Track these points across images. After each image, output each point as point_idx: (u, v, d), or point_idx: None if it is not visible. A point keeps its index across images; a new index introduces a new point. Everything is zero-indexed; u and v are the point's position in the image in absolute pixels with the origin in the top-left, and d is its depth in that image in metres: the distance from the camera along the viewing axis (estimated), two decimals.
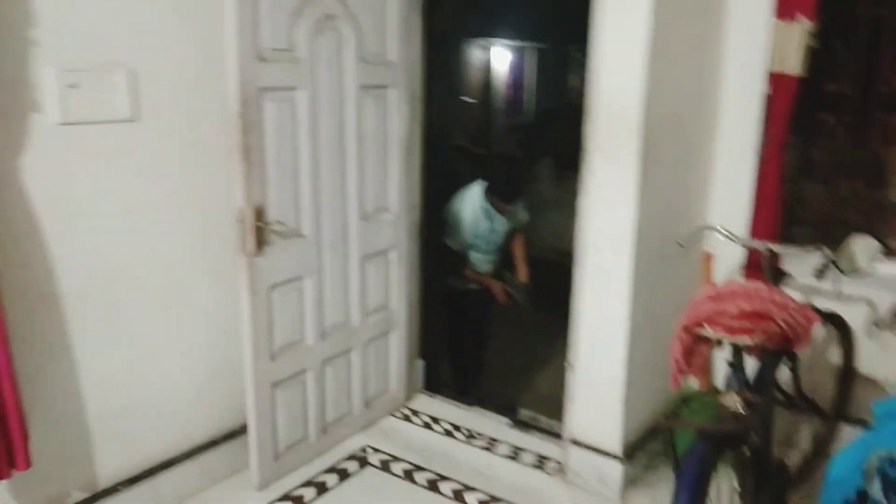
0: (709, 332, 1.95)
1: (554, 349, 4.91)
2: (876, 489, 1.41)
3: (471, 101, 8.52)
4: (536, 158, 7.51)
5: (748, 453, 1.93)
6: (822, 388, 3.00)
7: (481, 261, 3.87)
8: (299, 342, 2.89)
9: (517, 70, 9.12)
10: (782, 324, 1.93)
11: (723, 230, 2.67)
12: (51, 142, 2.20)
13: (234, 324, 2.76)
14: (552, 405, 3.72)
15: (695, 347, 2.05)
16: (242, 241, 2.59)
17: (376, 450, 3.15)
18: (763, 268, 2.54)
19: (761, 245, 2.55)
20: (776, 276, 2.52)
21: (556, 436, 3.25)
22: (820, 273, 2.38)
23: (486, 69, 8.81)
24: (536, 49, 8.94)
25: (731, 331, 1.92)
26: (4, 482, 2.16)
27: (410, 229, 3.38)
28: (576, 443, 2.93)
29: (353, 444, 3.19)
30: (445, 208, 3.75)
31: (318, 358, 2.98)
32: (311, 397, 2.98)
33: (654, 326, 2.88)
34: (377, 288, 3.22)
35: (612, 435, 2.83)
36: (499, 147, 8.84)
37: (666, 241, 2.86)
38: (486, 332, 4.14)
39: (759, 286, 2.01)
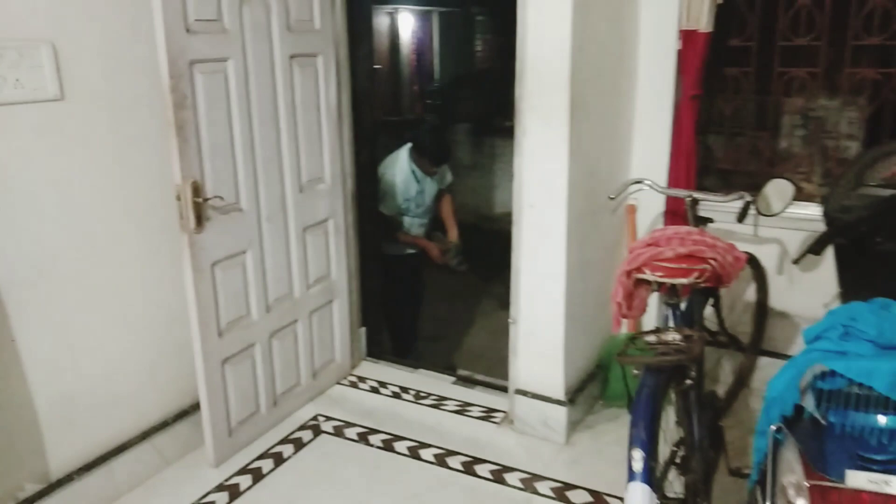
0: (649, 275, 2.11)
1: (483, 309, 5.09)
2: (810, 402, 1.59)
3: (378, 67, 8.49)
4: (450, 125, 7.59)
5: (688, 385, 2.10)
6: (741, 324, 3.26)
7: (413, 224, 3.95)
8: (245, 317, 2.88)
9: (423, 35, 9.11)
10: (714, 263, 2.11)
11: (649, 182, 2.84)
12: None
13: (178, 302, 2.72)
14: (487, 362, 3.89)
15: (635, 291, 2.20)
16: (182, 219, 2.55)
17: (328, 417, 3.20)
18: (686, 215, 2.72)
19: (685, 194, 2.73)
20: (698, 222, 2.71)
21: (498, 388, 3.41)
22: (741, 216, 2.59)
23: (394, 35, 8.77)
24: (441, 13, 8.95)
25: (669, 273, 2.08)
26: None
27: (345, 198, 3.40)
28: (521, 392, 3.07)
29: (305, 413, 3.23)
30: (378, 175, 3.78)
31: (265, 331, 2.99)
32: (261, 371, 2.99)
33: (586, 277, 3.05)
34: (317, 258, 3.24)
35: (554, 382, 2.99)
36: (409, 115, 8.85)
37: (595, 195, 3.01)
38: (421, 295, 4.23)
39: (691, 230, 2.17)
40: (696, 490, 2.10)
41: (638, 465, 1.72)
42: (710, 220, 2.73)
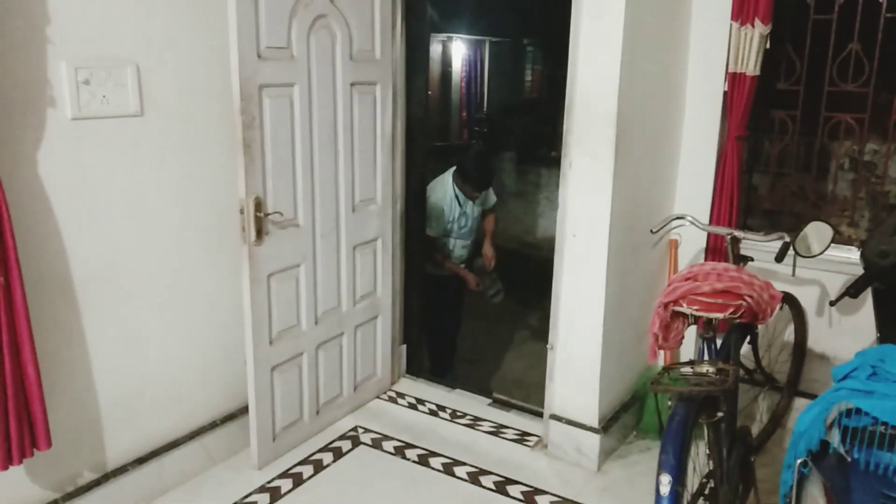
0: (685, 308, 2.18)
1: (520, 335, 5.17)
2: (835, 438, 1.65)
3: (429, 93, 8.67)
4: (495, 152, 7.72)
5: (719, 417, 2.16)
6: (779, 363, 3.29)
7: (457, 246, 4.09)
8: (295, 327, 3.03)
9: (474, 63, 9.26)
10: (749, 300, 2.17)
11: (690, 218, 2.91)
12: (65, 136, 2.30)
13: (232, 310, 2.89)
14: (522, 388, 3.97)
15: (671, 323, 2.28)
16: (244, 231, 2.72)
17: (367, 429, 3.32)
18: (726, 252, 2.79)
19: (726, 231, 2.80)
20: (738, 259, 2.77)
21: (533, 413, 3.48)
22: (780, 256, 2.64)
23: (446, 63, 8.95)
24: (492, 42, 9.09)
25: (705, 307, 2.16)
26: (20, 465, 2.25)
27: (394, 219, 3.54)
28: (555, 417, 3.14)
29: (345, 424, 3.35)
30: (426, 198, 3.93)
31: (313, 342, 3.13)
32: (306, 380, 3.13)
33: (625, 307, 3.12)
34: (365, 275, 3.38)
35: (589, 409, 3.05)
36: (457, 140, 9.02)
37: (637, 229, 3.09)
38: (460, 316, 4.35)
39: (729, 267, 2.25)
40: None
41: (665, 490, 1.79)
42: (749, 259, 2.79)
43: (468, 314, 4.45)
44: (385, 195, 3.41)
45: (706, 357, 2.26)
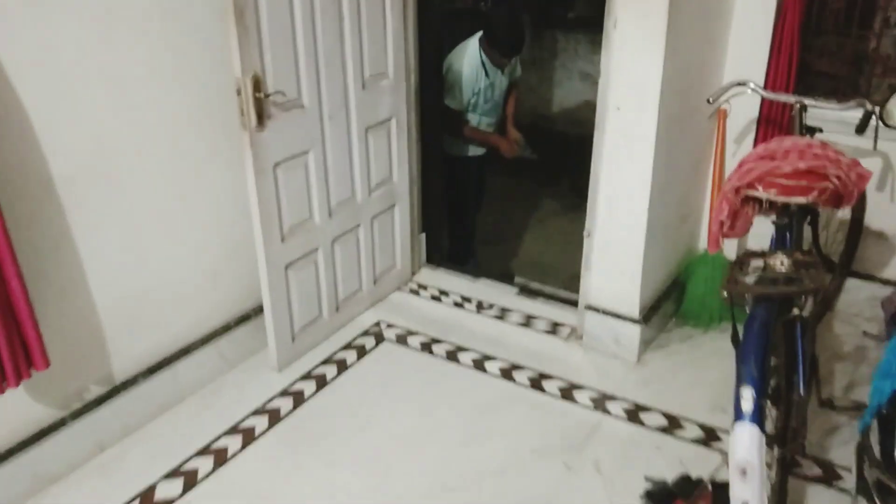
0: (761, 193, 1.88)
1: (541, 215, 4.91)
2: None
3: None
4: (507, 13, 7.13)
5: (794, 314, 1.92)
6: (833, 244, 3.03)
7: (481, 123, 3.71)
8: (308, 220, 2.75)
9: None
10: (836, 181, 1.87)
11: (753, 85, 2.55)
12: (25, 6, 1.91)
13: (240, 204, 2.60)
14: (547, 272, 3.77)
15: (741, 209, 1.99)
16: (243, 115, 2.38)
17: (390, 325, 3.12)
18: (794, 123, 2.45)
19: (794, 99, 2.44)
20: (805, 131, 2.43)
21: (563, 301, 3.27)
22: (861, 127, 2.31)
23: None
24: None
25: (787, 191, 1.85)
26: (22, 384, 2.04)
27: (409, 95, 3.17)
28: (592, 308, 2.92)
29: (367, 319, 3.15)
30: (445, 65, 3.53)
31: (328, 236, 2.86)
32: (323, 276, 2.89)
33: (671, 188, 2.82)
34: (379, 161, 3.06)
35: (629, 299, 2.82)
36: (465, 2, 8.33)
37: (688, 98, 2.74)
38: (482, 200, 4.06)
39: (812, 143, 1.93)
40: (794, 424, 1.96)
41: (748, 406, 1.57)
42: (818, 130, 2.46)
43: (487, 195, 4.15)
44: (398, 67, 3.03)
45: (784, 246, 1.98)
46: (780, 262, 1.87)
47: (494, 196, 4.55)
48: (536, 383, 2.75)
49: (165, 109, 2.37)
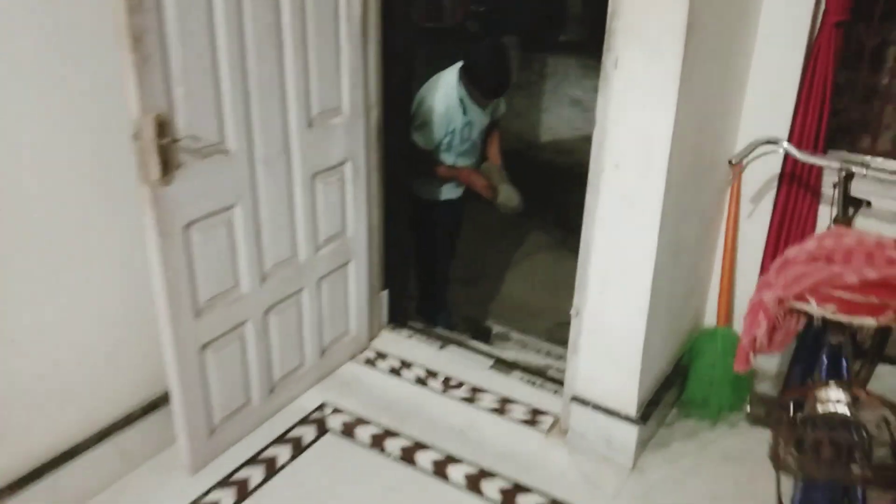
0: (815, 308, 1.39)
1: (521, 252, 4.46)
2: None
3: None
4: (495, 36, 6.68)
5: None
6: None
7: (456, 164, 3.20)
8: (232, 290, 2.23)
9: None
10: None
11: (787, 145, 2.06)
12: None
13: (144, 271, 2.07)
14: (531, 317, 3.41)
15: (782, 321, 1.49)
16: (142, 166, 1.87)
17: (337, 409, 2.60)
18: (835, 194, 1.97)
19: (837, 165, 1.96)
20: (850, 204, 1.95)
21: (545, 378, 2.78)
22: None
23: None
24: None
25: (852, 308, 1.36)
26: None
27: (369, 134, 2.67)
28: (579, 400, 2.42)
29: (309, 402, 2.62)
30: (417, 98, 3.03)
31: (260, 306, 2.35)
32: (253, 354, 2.37)
33: (677, 260, 2.33)
34: (330, 211, 2.55)
35: (625, 393, 2.33)
36: (450, 22, 7.89)
37: (701, 155, 2.26)
38: (455, 248, 3.54)
39: (884, 242, 1.44)
40: None
41: None
42: (866, 203, 1.97)
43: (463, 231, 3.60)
44: (354, 102, 2.53)
45: (836, 375, 1.49)
46: (835, 398, 1.37)
47: (472, 228, 4.05)
48: (510, 499, 2.24)
49: (49, 160, 1.86)
